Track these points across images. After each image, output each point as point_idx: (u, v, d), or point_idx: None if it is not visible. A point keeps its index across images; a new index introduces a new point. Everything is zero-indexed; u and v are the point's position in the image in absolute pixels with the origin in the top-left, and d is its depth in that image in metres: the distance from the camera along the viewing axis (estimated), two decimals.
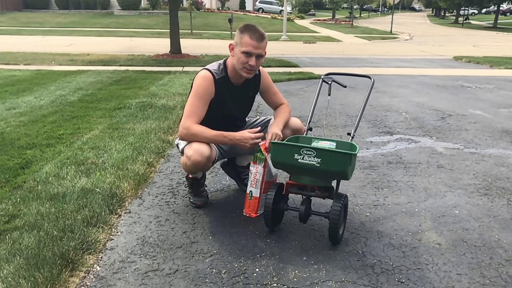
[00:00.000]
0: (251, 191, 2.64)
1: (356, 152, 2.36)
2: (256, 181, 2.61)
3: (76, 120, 5.02)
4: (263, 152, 2.55)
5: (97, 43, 17.32)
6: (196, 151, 2.54)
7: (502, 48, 18.46)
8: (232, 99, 2.74)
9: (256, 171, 2.60)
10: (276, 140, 2.57)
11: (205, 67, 2.72)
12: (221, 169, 3.29)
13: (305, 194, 2.47)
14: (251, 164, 2.62)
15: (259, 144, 2.56)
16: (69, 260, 2.14)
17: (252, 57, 2.55)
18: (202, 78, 2.64)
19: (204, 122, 2.62)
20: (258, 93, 2.90)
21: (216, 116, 2.69)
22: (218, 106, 2.68)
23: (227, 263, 2.23)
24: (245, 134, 2.55)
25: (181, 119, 2.80)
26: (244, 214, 2.69)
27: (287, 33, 22.98)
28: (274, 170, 2.68)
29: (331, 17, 45.70)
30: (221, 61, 2.74)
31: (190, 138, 2.60)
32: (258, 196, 2.63)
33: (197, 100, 2.62)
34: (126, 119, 5.02)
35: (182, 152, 2.70)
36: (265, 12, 43.19)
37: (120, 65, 10.38)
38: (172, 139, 4.31)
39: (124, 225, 2.62)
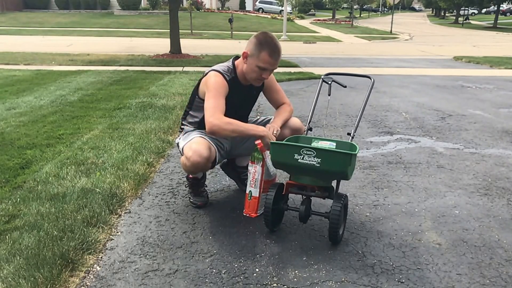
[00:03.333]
0: (250, 191, 2.64)
1: (356, 152, 2.35)
2: (255, 181, 2.61)
3: (76, 120, 5.02)
4: (260, 152, 2.56)
5: (97, 43, 17.32)
6: (195, 152, 2.53)
7: (502, 48, 18.47)
8: (240, 98, 2.75)
9: (254, 171, 2.60)
10: (274, 133, 2.59)
11: (214, 68, 2.69)
12: (220, 170, 3.29)
13: (305, 194, 2.47)
14: (250, 164, 2.62)
15: (255, 142, 2.54)
16: (69, 260, 2.14)
17: (267, 71, 2.59)
18: (216, 76, 2.62)
19: None
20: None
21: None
22: (226, 105, 2.67)
23: (227, 263, 2.23)
24: (271, 135, 2.55)
25: (182, 117, 2.81)
26: (244, 214, 2.69)
27: (287, 33, 22.98)
28: (272, 169, 2.68)
29: (331, 17, 45.71)
30: (230, 62, 2.73)
31: (226, 127, 2.51)
32: (257, 195, 2.63)
33: (219, 96, 2.58)
34: (126, 119, 5.02)
35: (182, 152, 2.70)
36: (265, 12, 43.20)
37: (120, 65, 10.38)
38: (172, 139, 4.31)
39: (124, 225, 2.62)
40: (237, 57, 2.76)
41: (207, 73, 2.70)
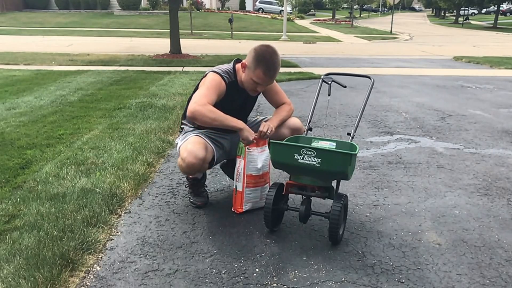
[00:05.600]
0: (236, 185, 2.70)
1: (356, 152, 2.36)
2: (239, 175, 2.66)
3: (76, 120, 5.02)
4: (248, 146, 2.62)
5: (97, 43, 17.32)
6: (191, 153, 2.53)
7: (502, 48, 18.46)
8: (239, 102, 2.76)
9: (238, 165, 2.67)
10: (268, 132, 2.62)
11: (214, 70, 2.69)
12: (220, 170, 3.29)
13: (305, 194, 2.47)
14: (236, 158, 2.68)
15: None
16: (69, 260, 2.14)
17: (261, 86, 2.62)
18: (214, 76, 2.63)
19: None
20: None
21: None
22: (224, 108, 2.67)
23: (227, 263, 2.23)
24: (251, 131, 2.60)
25: (182, 117, 2.82)
26: (233, 210, 2.74)
27: (287, 33, 22.95)
28: (254, 165, 2.68)
29: (331, 17, 45.68)
30: (230, 65, 2.73)
31: (208, 114, 2.49)
32: (241, 190, 2.68)
33: (211, 90, 2.57)
34: (126, 119, 5.02)
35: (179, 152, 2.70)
36: (265, 12, 43.19)
37: (120, 65, 10.38)
38: (172, 139, 4.31)
39: (124, 225, 2.62)
40: (238, 60, 2.75)
41: (207, 73, 2.71)
